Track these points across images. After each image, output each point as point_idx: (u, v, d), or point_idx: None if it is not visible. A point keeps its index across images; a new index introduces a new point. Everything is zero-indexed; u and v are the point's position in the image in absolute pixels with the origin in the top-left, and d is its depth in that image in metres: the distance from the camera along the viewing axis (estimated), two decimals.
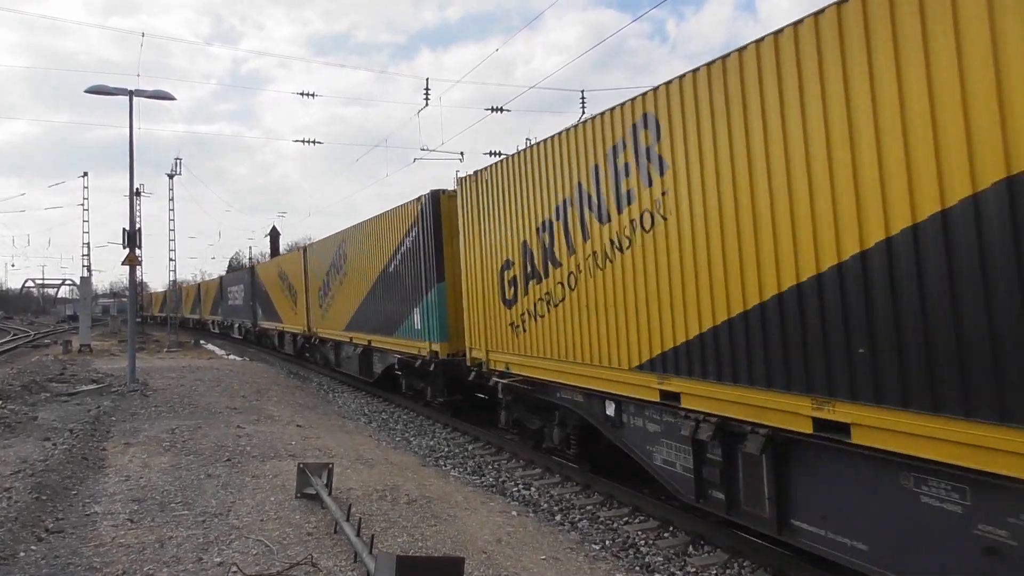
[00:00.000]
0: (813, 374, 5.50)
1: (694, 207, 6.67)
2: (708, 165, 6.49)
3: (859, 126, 5.07)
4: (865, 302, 5.06)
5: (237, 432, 11.34)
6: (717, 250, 6.42)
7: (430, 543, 6.52)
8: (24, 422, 11.95)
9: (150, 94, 18.17)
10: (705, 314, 6.62)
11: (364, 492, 7.99)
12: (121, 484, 8.20)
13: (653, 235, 7.25)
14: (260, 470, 8.87)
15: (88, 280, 38.91)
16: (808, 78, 5.46)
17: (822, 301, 5.39)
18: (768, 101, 5.83)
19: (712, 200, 6.45)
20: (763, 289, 5.95)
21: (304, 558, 5.87)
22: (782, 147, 5.70)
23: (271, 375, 22.36)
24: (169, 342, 37.19)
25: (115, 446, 10.30)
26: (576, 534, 7.80)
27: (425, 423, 14.87)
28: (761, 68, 5.87)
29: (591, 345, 8.40)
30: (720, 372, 6.45)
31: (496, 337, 10.96)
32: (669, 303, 7.08)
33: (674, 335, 7.01)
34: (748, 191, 6.06)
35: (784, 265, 5.73)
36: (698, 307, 6.70)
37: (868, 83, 4.99)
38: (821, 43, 5.35)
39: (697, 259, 6.66)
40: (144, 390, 16.45)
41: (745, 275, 6.14)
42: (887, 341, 4.93)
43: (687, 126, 6.74)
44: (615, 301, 7.91)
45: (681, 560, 7.07)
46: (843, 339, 5.23)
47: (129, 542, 6.33)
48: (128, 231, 18.62)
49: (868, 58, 5.00)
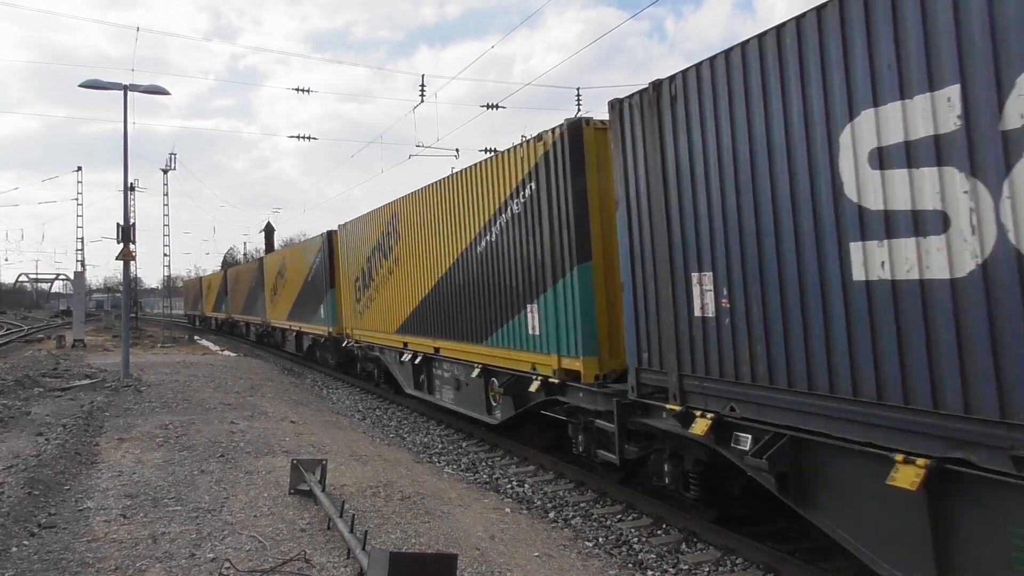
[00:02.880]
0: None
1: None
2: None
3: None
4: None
5: (231, 428, 11.32)
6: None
7: (423, 539, 6.53)
8: (17, 417, 11.92)
9: (144, 89, 18.13)
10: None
11: (358, 488, 7.99)
12: (114, 479, 8.19)
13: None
14: (254, 466, 8.87)
15: (82, 275, 38.81)
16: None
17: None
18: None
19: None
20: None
21: (297, 554, 5.88)
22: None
23: (265, 371, 22.32)
24: (163, 337, 37.13)
25: (108, 441, 10.29)
26: (569, 531, 7.81)
27: (419, 420, 14.87)
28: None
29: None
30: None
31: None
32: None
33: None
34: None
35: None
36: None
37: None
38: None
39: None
40: (138, 385, 16.42)
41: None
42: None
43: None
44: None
45: (674, 557, 7.09)
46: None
47: (122, 537, 6.32)
48: (122, 226, 18.57)
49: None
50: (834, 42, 5.08)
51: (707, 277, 6.43)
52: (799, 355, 5.47)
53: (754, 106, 5.81)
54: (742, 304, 6.02)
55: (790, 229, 5.52)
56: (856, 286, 4.99)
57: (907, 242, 4.61)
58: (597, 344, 8.53)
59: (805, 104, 5.34)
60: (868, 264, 4.89)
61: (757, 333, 5.88)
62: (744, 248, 5.98)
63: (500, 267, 10.54)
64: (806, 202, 5.37)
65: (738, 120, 5.97)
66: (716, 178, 6.24)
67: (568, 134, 8.68)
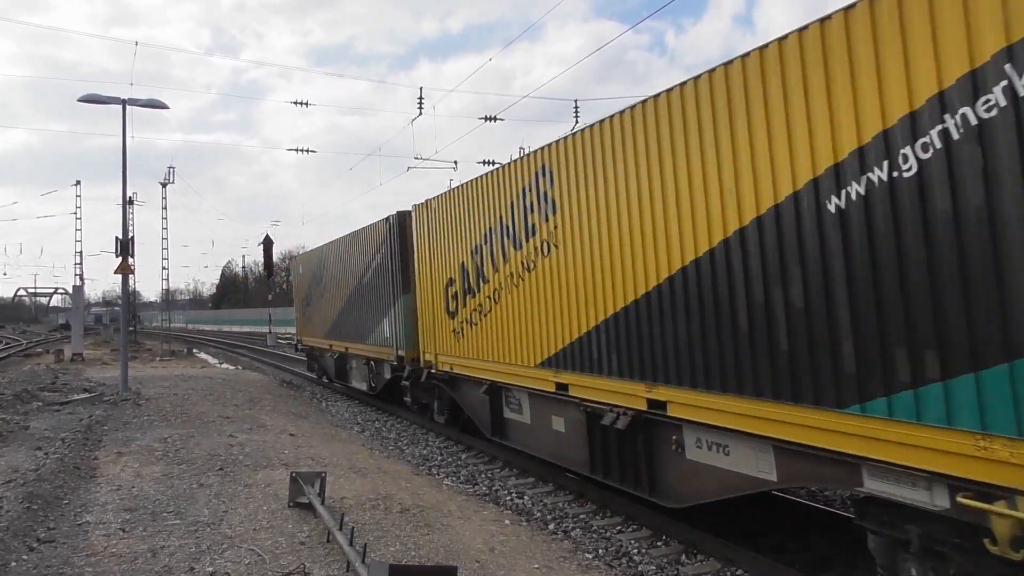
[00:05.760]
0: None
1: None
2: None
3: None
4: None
5: (230, 441, 11.30)
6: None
7: (423, 552, 6.52)
8: (16, 431, 11.89)
9: (143, 103, 18.19)
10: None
11: (357, 501, 7.98)
12: (113, 493, 8.17)
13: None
14: (253, 479, 8.85)
15: (81, 289, 38.79)
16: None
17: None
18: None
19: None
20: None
21: (297, 567, 5.86)
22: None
23: (264, 384, 22.29)
24: (162, 351, 37.08)
25: (107, 455, 10.26)
26: (569, 543, 7.80)
27: (418, 432, 14.85)
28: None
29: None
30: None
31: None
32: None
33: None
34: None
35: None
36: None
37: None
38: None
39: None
40: (136, 399, 16.38)
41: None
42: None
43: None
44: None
45: (674, 569, 7.08)
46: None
47: (121, 551, 6.31)
48: (121, 240, 18.58)
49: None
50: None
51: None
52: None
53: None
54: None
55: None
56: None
57: None
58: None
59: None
60: None
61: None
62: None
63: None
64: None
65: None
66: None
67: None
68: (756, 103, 6.05)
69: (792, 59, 5.70)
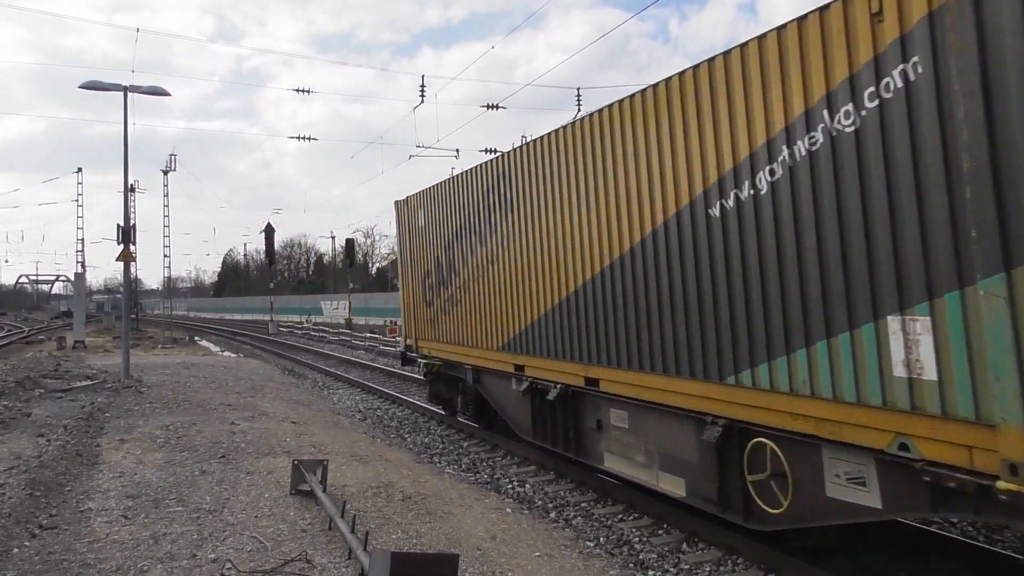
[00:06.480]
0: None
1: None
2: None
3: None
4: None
5: (232, 428, 11.32)
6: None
7: (424, 540, 6.53)
8: (18, 418, 11.92)
9: (145, 90, 18.11)
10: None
11: (359, 489, 7.99)
12: (115, 480, 8.19)
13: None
14: (255, 467, 8.87)
15: (82, 276, 38.85)
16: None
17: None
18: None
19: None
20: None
21: (298, 555, 5.88)
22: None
23: (266, 372, 22.32)
24: (164, 339, 37.15)
25: (109, 442, 10.28)
26: (570, 531, 7.81)
27: (420, 420, 14.88)
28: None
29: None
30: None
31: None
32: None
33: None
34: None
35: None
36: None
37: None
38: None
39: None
40: (138, 386, 16.41)
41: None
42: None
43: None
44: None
45: (675, 557, 7.09)
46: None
47: (123, 538, 6.32)
48: (123, 227, 18.56)
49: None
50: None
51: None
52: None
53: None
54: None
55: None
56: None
57: None
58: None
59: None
60: None
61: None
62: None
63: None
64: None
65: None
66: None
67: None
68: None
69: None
